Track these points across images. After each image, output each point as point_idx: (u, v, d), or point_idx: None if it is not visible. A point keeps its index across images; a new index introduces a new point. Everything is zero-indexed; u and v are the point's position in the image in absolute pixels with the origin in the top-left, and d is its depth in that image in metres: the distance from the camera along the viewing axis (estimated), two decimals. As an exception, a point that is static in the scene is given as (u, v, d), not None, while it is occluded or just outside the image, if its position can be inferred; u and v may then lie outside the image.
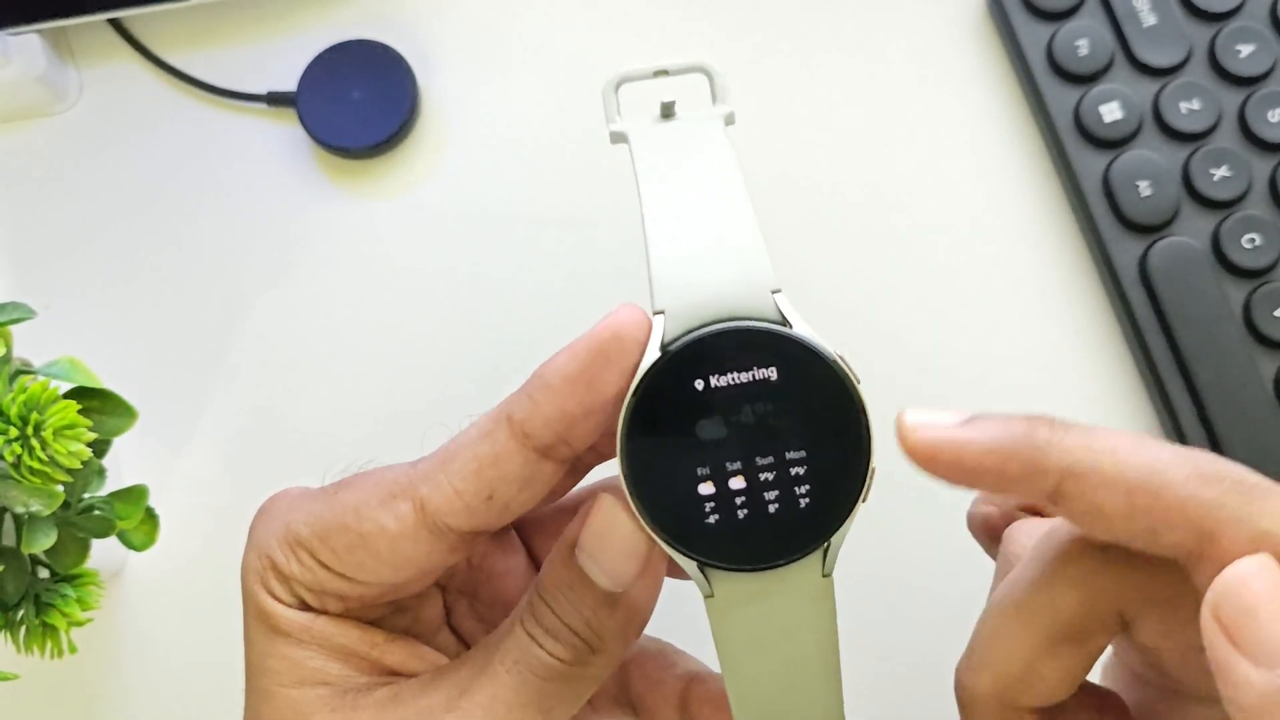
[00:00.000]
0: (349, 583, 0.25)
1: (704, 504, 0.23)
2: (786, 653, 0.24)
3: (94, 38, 0.46)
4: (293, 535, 0.25)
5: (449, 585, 0.29)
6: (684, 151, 0.25)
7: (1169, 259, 0.40)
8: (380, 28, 0.45)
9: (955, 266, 0.42)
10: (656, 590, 0.25)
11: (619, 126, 0.25)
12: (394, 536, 0.24)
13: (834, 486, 0.23)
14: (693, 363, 0.22)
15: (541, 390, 0.23)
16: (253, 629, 0.26)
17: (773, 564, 0.23)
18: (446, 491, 0.24)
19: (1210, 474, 0.20)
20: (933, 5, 0.45)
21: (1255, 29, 0.42)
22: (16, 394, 0.30)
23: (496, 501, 0.24)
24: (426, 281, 0.44)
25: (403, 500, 0.24)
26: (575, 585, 0.24)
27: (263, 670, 0.25)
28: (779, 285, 0.23)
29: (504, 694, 0.24)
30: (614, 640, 0.25)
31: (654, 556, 0.24)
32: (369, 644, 0.26)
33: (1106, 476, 0.20)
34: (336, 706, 0.24)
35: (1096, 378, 0.41)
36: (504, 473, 0.24)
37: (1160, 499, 0.20)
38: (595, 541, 0.24)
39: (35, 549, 0.31)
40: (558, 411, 0.23)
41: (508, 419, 0.24)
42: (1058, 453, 0.21)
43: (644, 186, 0.24)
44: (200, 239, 0.44)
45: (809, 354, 0.23)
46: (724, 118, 0.25)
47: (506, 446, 0.23)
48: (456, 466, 0.24)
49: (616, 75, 0.26)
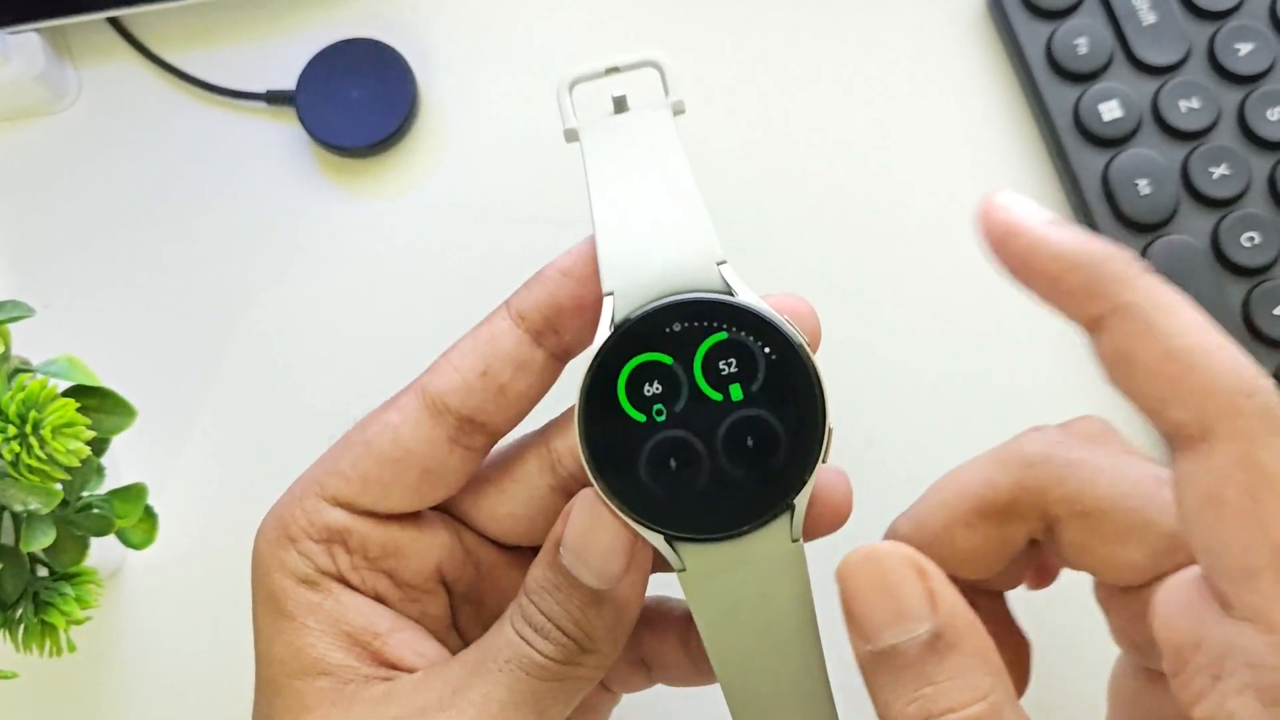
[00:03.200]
0: (355, 517, 0.26)
1: (664, 476, 0.23)
2: (763, 618, 0.24)
3: (93, 37, 0.46)
4: (302, 487, 0.26)
5: (456, 588, 0.29)
6: (630, 141, 0.25)
7: (1168, 257, 0.40)
8: (380, 27, 0.45)
9: (955, 266, 0.42)
10: (643, 587, 0.25)
11: (572, 124, 0.26)
12: (396, 427, 0.25)
13: (792, 449, 0.23)
14: (642, 338, 0.23)
15: (537, 280, 0.26)
16: (260, 616, 0.26)
17: (737, 530, 0.23)
18: (445, 369, 0.26)
19: (1251, 383, 0.19)
20: (932, 5, 0.45)
21: (1254, 27, 0.42)
22: (15, 392, 0.30)
23: (491, 379, 0.25)
24: (426, 281, 0.44)
25: (406, 395, 0.26)
26: (562, 585, 0.24)
27: (269, 659, 0.25)
28: (724, 257, 0.23)
29: (497, 693, 0.24)
30: (604, 640, 0.25)
31: (638, 552, 0.24)
32: (372, 633, 0.26)
33: (1155, 328, 0.20)
34: (336, 700, 0.25)
35: (1096, 377, 0.41)
36: (498, 348, 0.25)
37: (1190, 376, 0.20)
38: (578, 540, 0.24)
39: (34, 547, 0.31)
40: (548, 297, 0.25)
41: (505, 305, 0.26)
42: (1121, 283, 0.21)
43: (591, 176, 0.25)
44: (199, 238, 0.44)
45: (755, 319, 0.23)
46: (672, 107, 0.26)
47: (501, 325, 0.26)
48: (457, 348, 0.26)
49: (569, 75, 0.26)
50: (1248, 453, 0.19)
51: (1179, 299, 0.21)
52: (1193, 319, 0.20)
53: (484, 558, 0.29)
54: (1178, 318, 0.20)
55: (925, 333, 0.42)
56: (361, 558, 0.26)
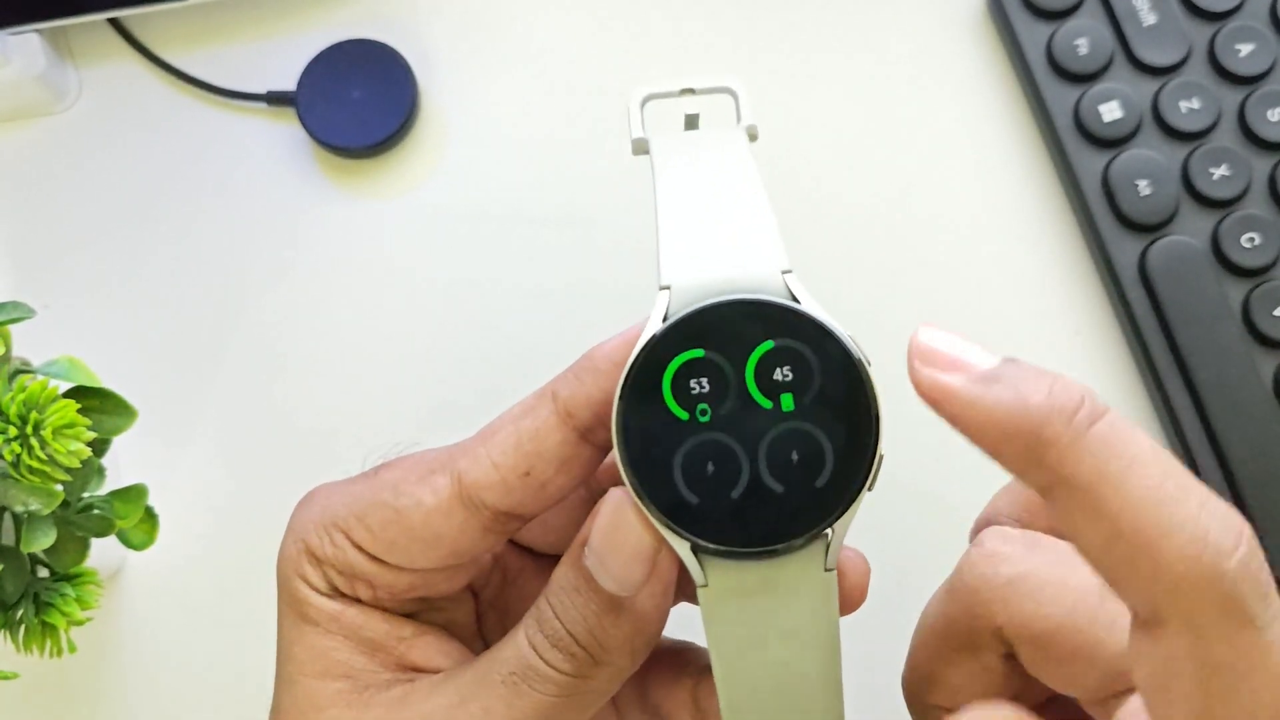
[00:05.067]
0: (380, 566, 0.25)
1: (699, 480, 0.22)
2: (783, 654, 0.23)
3: (94, 37, 0.46)
4: (329, 517, 0.25)
5: (482, 594, 0.29)
6: (702, 154, 0.24)
7: (1168, 258, 0.40)
8: (380, 27, 0.45)
9: (954, 266, 0.42)
10: (665, 601, 0.24)
11: (641, 134, 0.25)
12: (429, 510, 0.24)
13: (838, 469, 0.21)
14: (692, 334, 0.22)
15: (589, 371, 0.23)
16: (284, 616, 0.26)
17: (769, 548, 0.22)
18: (484, 464, 0.24)
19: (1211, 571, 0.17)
20: (933, 5, 0.45)
21: (1255, 28, 0.42)
22: (16, 393, 0.30)
23: (533, 479, 0.24)
24: (426, 281, 0.44)
25: (441, 475, 0.24)
26: (581, 588, 0.24)
27: (289, 657, 0.25)
28: (790, 267, 0.22)
29: (498, 708, 0.23)
30: (618, 652, 0.24)
31: (662, 561, 0.23)
32: (395, 638, 0.25)
33: (1100, 509, 0.18)
34: (352, 702, 0.24)
35: (1096, 377, 0.41)
36: (543, 448, 0.23)
37: (1139, 562, 0.18)
38: (602, 540, 0.23)
39: (34, 548, 0.31)
40: (601, 393, 0.23)
41: (552, 395, 0.24)
42: (1060, 455, 0.18)
43: (659, 177, 0.24)
44: (200, 239, 0.44)
45: (817, 330, 0.22)
46: (747, 130, 0.25)
47: (548, 422, 0.23)
48: (497, 440, 0.24)
49: (643, 91, 0.25)
50: (1198, 646, 0.17)
51: (1133, 453, 0.18)
52: (1146, 486, 0.18)
53: (512, 564, 0.29)
54: (1127, 490, 0.18)
55: (925, 333, 0.42)
56: (386, 594, 0.25)
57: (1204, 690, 0.18)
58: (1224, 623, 0.17)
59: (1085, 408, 0.19)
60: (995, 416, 0.19)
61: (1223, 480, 0.38)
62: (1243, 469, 0.38)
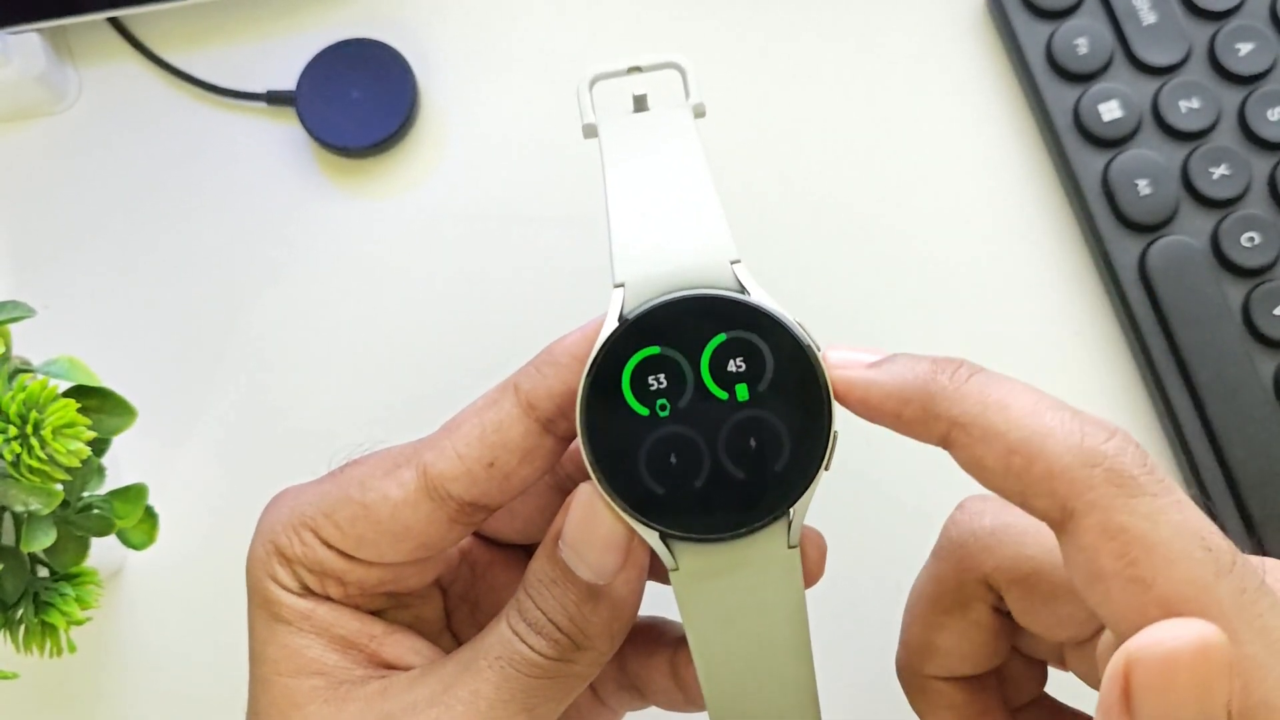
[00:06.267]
0: (349, 562, 0.25)
1: (663, 472, 0.23)
2: (754, 628, 0.24)
3: (94, 37, 0.46)
4: (298, 517, 0.25)
5: (451, 589, 0.29)
6: (650, 138, 0.25)
7: (1168, 258, 0.40)
8: (380, 27, 0.45)
9: (954, 266, 0.42)
10: (640, 585, 0.25)
11: (591, 119, 0.26)
12: (396, 503, 0.24)
13: (795, 453, 0.23)
14: (648, 333, 0.23)
15: (549, 365, 0.24)
16: (255, 617, 0.26)
17: (734, 532, 0.23)
18: (450, 456, 0.24)
19: (1091, 453, 0.20)
20: (932, 5, 0.45)
21: (1255, 27, 0.42)
22: (16, 393, 0.30)
23: (497, 470, 0.24)
24: (425, 281, 0.44)
25: (406, 468, 0.25)
26: (559, 580, 0.24)
27: (262, 658, 0.25)
28: (738, 256, 0.23)
29: (486, 690, 0.24)
30: (599, 637, 0.25)
31: (635, 548, 0.24)
32: (367, 635, 0.26)
33: (989, 432, 0.21)
34: (329, 698, 0.25)
35: (1096, 376, 0.41)
36: (506, 440, 0.24)
37: (1033, 466, 0.20)
38: (576, 533, 0.24)
39: (34, 548, 0.31)
40: (562, 385, 0.24)
41: (514, 388, 0.24)
42: (949, 401, 0.21)
43: (608, 169, 0.24)
44: (199, 238, 0.44)
45: (766, 319, 0.23)
46: (693, 109, 0.26)
47: (511, 414, 0.24)
48: (461, 433, 0.25)
49: (591, 73, 0.26)
50: (1107, 521, 0.19)
51: (1008, 388, 0.21)
52: (1025, 406, 0.21)
53: (479, 557, 0.29)
54: (1009, 411, 0.21)
55: (925, 333, 0.42)
56: (357, 590, 0.26)
57: (1128, 560, 0.19)
58: (1118, 493, 0.19)
59: (965, 366, 0.22)
60: (890, 388, 0.22)
61: (1223, 480, 0.39)
62: (1243, 469, 0.38)
